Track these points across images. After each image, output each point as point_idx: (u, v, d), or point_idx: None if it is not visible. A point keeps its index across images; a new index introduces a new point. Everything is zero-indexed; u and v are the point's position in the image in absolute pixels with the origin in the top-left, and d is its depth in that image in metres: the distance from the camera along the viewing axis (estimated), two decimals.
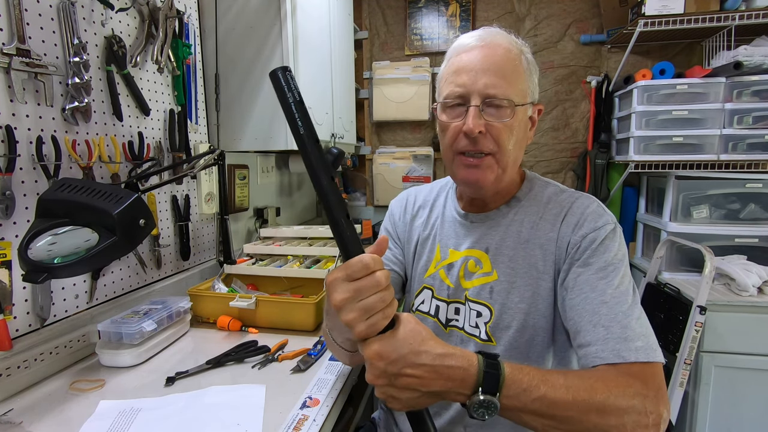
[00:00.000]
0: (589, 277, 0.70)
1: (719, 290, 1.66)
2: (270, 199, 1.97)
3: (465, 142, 0.74)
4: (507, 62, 0.73)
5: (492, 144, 0.73)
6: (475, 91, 0.72)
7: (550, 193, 0.82)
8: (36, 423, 0.78)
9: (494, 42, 0.74)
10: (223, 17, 1.45)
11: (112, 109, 1.09)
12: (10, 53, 0.84)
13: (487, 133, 0.73)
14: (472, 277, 0.81)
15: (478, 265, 0.81)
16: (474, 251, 0.82)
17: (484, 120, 0.72)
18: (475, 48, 0.74)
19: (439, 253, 0.87)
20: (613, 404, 0.57)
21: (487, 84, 0.71)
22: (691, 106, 1.85)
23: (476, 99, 0.72)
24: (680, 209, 1.86)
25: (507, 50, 0.74)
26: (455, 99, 0.74)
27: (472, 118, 0.71)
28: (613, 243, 0.72)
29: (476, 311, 0.80)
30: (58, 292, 0.98)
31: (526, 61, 0.76)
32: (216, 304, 1.22)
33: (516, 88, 0.73)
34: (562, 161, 2.39)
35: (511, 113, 0.73)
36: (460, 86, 0.73)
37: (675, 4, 1.84)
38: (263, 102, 1.46)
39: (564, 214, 0.77)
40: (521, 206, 0.82)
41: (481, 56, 0.73)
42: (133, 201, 0.85)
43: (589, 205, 0.76)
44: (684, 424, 1.67)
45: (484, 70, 0.72)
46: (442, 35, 2.45)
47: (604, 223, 0.73)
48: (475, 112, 0.72)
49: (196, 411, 0.81)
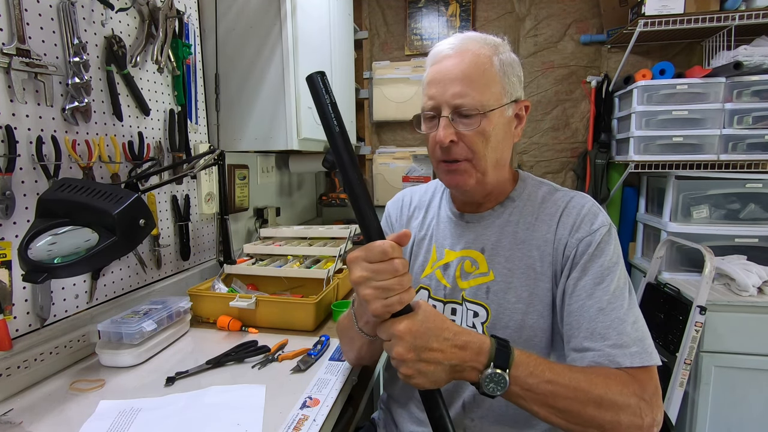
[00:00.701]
0: (586, 283, 0.71)
1: (719, 290, 1.66)
2: (270, 199, 1.97)
3: (440, 152, 0.76)
4: (475, 68, 0.73)
5: (465, 151, 0.75)
6: (443, 102, 0.73)
7: (544, 192, 0.82)
8: (36, 423, 0.78)
9: (463, 48, 0.75)
10: (223, 17, 1.45)
11: (112, 109, 1.09)
12: (10, 53, 0.84)
13: (460, 141, 0.74)
14: (468, 278, 0.82)
15: (474, 265, 0.82)
16: (470, 251, 0.83)
17: (453, 129, 0.74)
18: (446, 57, 0.75)
19: (435, 253, 0.87)
20: (610, 399, 0.60)
21: (454, 94, 0.72)
22: (691, 106, 1.85)
23: (446, 109, 0.73)
24: (680, 209, 1.86)
25: (475, 55, 0.74)
26: (429, 111, 0.76)
27: (442, 129, 0.73)
28: (609, 246, 0.73)
29: (473, 311, 0.80)
30: (58, 292, 0.98)
31: (499, 62, 0.75)
32: (216, 304, 1.22)
33: (487, 94, 0.73)
34: (562, 161, 2.39)
35: (480, 120, 0.73)
36: (432, 98, 0.75)
37: (675, 4, 1.84)
38: (263, 102, 1.46)
39: (560, 215, 0.77)
40: (515, 206, 0.82)
41: (450, 66, 0.74)
42: (133, 201, 0.85)
43: (584, 204, 0.77)
44: (684, 424, 1.67)
45: (451, 80, 0.73)
46: (442, 35, 2.45)
47: (600, 225, 0.74)
48: (445, 123, 0.73)
49: (196, 411, 0.81)
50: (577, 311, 0.71)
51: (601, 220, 0.75)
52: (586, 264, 0.72)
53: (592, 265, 0.72)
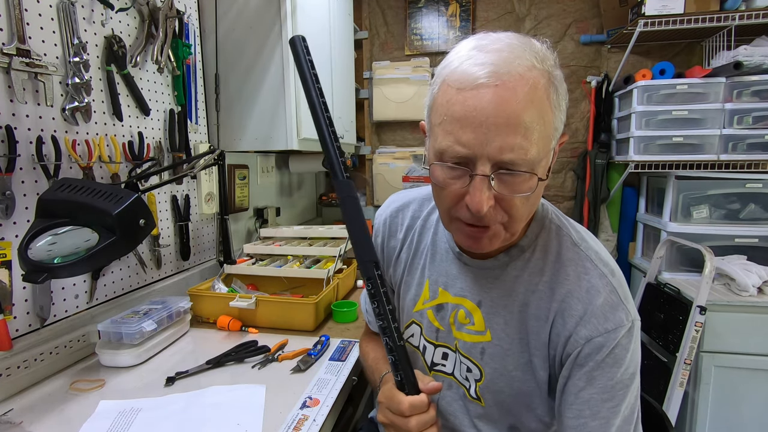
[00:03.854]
0: (592, 396, 0.59)
1: (719, 290, 1.66)
2: (270, 199, 1.97)
3: (468, 214, 0.57)
4: (531, 107, 0.52)
5: (501, 215, 0.57)
6: (482, 155, 0.52)
7: (559, 247, 0.66)
8: (36, 423, 0.78)
9: (512, 76, 0.51)
10: (223, 17, 1.45)
11: (112, 109, 1.09)
12: (10, 53, 0.84)
13: (497, 205, 0.56)
14: (462, 329, 0.71)
15: (468, 317, 0.70)
16: (465, 301, 0.70)
17: (493, 191, 0.54)
18: (486, 87, 0.51)
19: (428, 291, 0.75)
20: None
21: (503, 147, 0.52)
22: (691, 106, 1.85)
23: (485, 165, 0.53)
24: (680, 209, 1.86)
25: (533, 87, 0.52)
26: (456, 159, 0.55)
27: (478, 193, 0.54)
28: (626, 353, 0.58)
29: (467, 366, 0.71)
30: (58, 292, 0.98)
31: (555, 92, 0.56)
32: (216, 304, 1.22)
33: (542, 142, 0.54)
34: (562, 161, 2.39)
35: (532, 185, 0.55)
36: (464, 146, 0.53)
37: (675, 4, 1.84)
38: (263, 102, 1.46)
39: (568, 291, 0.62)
40: (523, 259, 0.67)
41: (494, 102, 0.51)
42: (133, 201, 0.85)
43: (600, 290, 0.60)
44: (684, 424, 1.67)
45: (497, 125, 0.51)
46: (442, 35, 2.45)
47: (618, 324, 0.58)
48: (482, 186, 0.53)
49: (196, 411, 0.81)
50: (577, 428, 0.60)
51: (620, 317, 0.59)
52: (593, 372, 0.58)
53: (602, 376, 0.58)
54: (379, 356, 0.84)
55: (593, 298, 0.60)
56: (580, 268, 0.63)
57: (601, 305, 0.59)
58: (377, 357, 0.84)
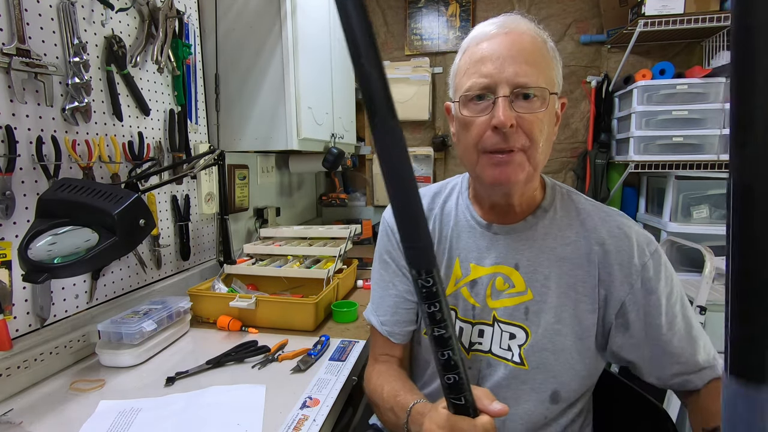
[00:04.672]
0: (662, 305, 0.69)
1: (719, 290, 1.65)
2: (270, 199, 1.97)
3: (494, 138, 0.65)
4: (535, 48, 0.66)
5: (524, 138, 0.65)
6: (503, 80, 0.64)
7: (577, 204, 0.76)
8: (36, 423, 0.78)
9: (518, 28, 0.67)
10: (223, 17, 1.45)
11: (112, 109, 1.09)
12: (10, 53, 0.84)
13: (518, 127, 0.65)
14: (500, 296, 0.74)
15: (507, 282, 0.73)
16: (502, 267, 0.74)
17: (515, 112, 0.64)
18: (498, 35, 0.66)
19: (460, 269, 0.77)
20: None
21: (518, 72, 0.64)
22: (691, 106, 1.85)
23: (505, 89, 0.64)
24: (680, 209, 1.86)
25: (533, 37, 0.67)
26: (480, 90, 0.66)
27: (502, 110, 0.63)
28: (668, 268, 0.72)
29: (509, 333, 0.73)
30: (58, 292, 0.98)
31: (552, 50, 0.69)
32: (216, 304, 1.22)
33: (546, 76, 0.66)
34: (562, 161, 2.39)
35: (544, 104, 0.65)
36: (485, 76, 0.65)
37: (675, 4, 1.84)
38: (263, 102, 1.46)
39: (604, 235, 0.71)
40: (548, 218, 0.74)
41: (506, 43, 0.65)
42: (133, 201, 0.85)
43: (631, 225, 0.73)
44: (684, 424, 1.67)
45: (511, 56, 0.64)
46: (442, 35, 2.45)
47: (656, 245, 0.72)
48: (505, 104, 0.64)
49: (196, 411, 0.81)
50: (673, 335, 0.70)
51: (652, 239, 0.72)
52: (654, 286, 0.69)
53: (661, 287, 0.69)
54: (397, 388, 0.74)
55: (629, 232, 0.71)
56: (602, 213, 0.74)
57: (638, 235, 0.71)
58: (395, 389, 0.74)
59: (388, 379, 0.77)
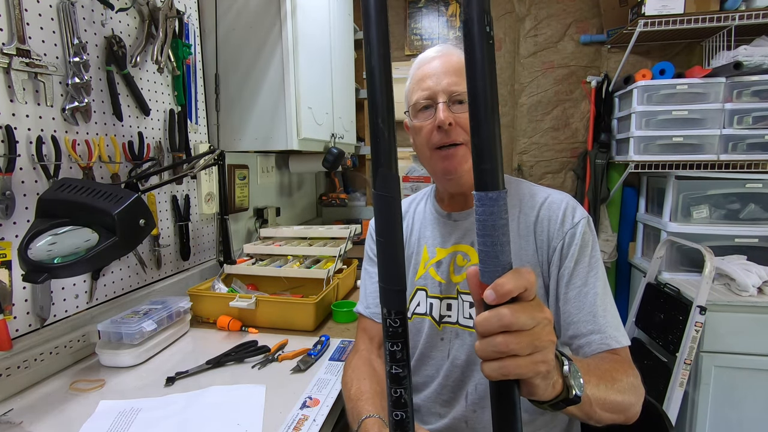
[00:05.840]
0: (580, 271, 0.77)
1: (719, 290, 1.66)
2: (270, 199, 1.97)
3: (439, 136, 0.80)
4: (461, 66, 0.79)
5: (463, 134, 0.80)
6: (440, 90, 0.80)
7: (524, 188, 0.87)
8: (36, 423, 0.78)
9: (448, 52, 0.84)
10: (223, 17, 1.45)
11: (112, 109, 1.09)
12: (10, 53, 0.84)
13: (457, 125, 0.79)
14: (461, 271, 0.84)
15: (465, 258, 0.84)
16: (461, 246, 0.86)
17: (453, 114, 0.79)
18: (435, 59, 0.83)
19: (427, 253, 0.90)
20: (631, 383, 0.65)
21: (450, 83, 0.79)
22: (691, 106, 1.85)
23: (443, 97, 0.80)
24: (680, 209, 1.86)
25: (459, 57, 0.83)
26: (425, 101, 0.82)
27: (442, 112, 0.78)
28: (592, 235, 0.80)
29: (469, 302, 0.82)
30: (58, 292, 0.98)
31: None
32: (216, 304, 1.22)
33: None
34: (562, 161, 2.39)
35: None
36: (427, 89, 0.81)
37: (675, 4, 1.84)
38: (263, 102, 1.46)
39: (543, 208, 0.82)
40: None
41: (440, 63, 0.82)
42: (133, 201, 0.85)
43: (563, 199, 0.83)
44: (684, 424, 1.67)
45: (444, 72, 0.80)
46: (442, 35, 2.45)
47: (582, 216, 0.80)
48: (443, 107, 0.79)
49: (195, 411, 0.81)
50: (575, 298, 0.76)
51: (581, 212, 0.82)
52: (576, 254, 0.77)
53: (582, 255, 0.77)
54: (363, 389, 0.77)
55: (560, 204, 0.82)
56: (543, 192, 0.85)
57: (566, 208, 0.81)
58: (360, 391, 0.77)
59: (359, 377, 0.82)
